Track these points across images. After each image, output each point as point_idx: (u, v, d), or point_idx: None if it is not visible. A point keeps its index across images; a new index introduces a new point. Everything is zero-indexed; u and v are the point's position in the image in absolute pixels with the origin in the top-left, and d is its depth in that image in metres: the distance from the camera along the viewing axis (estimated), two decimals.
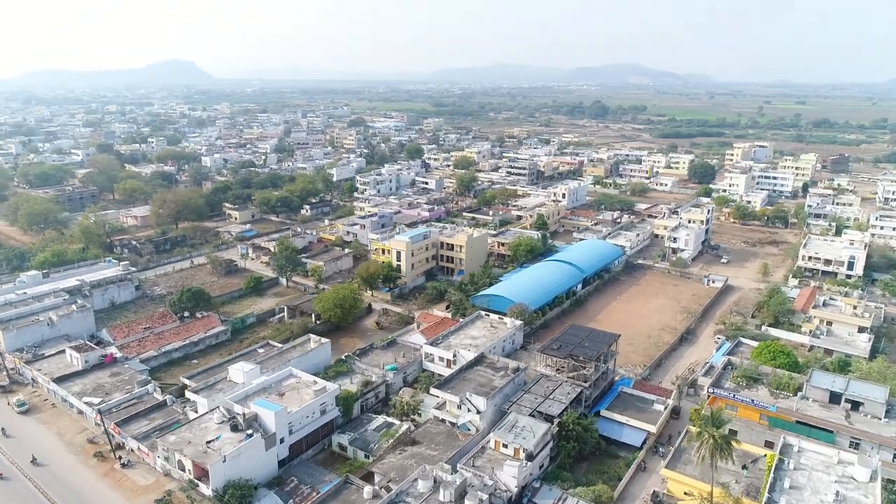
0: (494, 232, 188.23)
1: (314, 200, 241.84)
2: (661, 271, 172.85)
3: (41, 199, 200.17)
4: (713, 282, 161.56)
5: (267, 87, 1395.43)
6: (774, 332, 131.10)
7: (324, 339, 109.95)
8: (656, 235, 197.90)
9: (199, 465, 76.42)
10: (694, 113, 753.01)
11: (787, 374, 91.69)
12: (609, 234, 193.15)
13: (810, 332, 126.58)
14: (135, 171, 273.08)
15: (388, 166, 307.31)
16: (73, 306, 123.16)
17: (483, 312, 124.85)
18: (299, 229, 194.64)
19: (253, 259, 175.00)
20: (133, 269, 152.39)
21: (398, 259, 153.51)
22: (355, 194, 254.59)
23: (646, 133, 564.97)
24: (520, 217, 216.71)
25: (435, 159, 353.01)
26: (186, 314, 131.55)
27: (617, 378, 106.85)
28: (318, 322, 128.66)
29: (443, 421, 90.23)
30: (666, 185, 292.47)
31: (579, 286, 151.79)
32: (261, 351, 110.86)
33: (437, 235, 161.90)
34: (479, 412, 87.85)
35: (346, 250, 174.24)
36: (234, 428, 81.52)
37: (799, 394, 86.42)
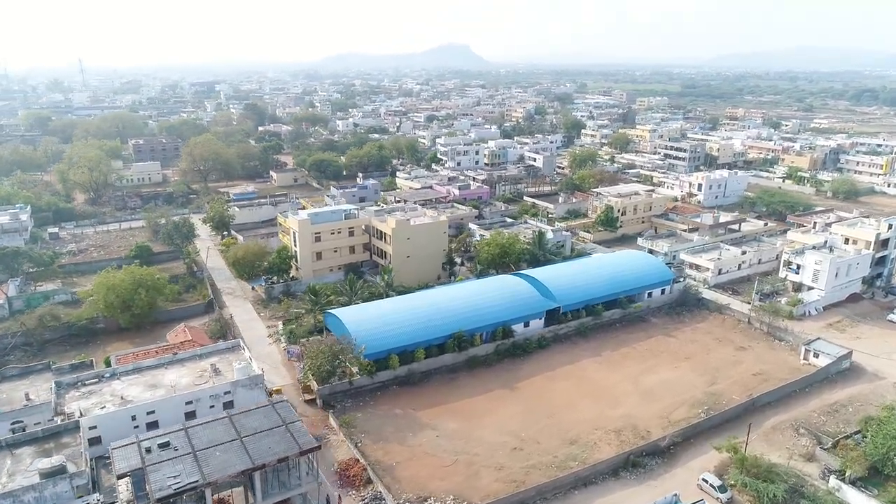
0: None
1: (396, 165, 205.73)
2: (735, 318, 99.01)
3: (87, 145, 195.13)
4: (817, 355, 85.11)
5: (523, 69, 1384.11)
6: (854, 496, 58.28)
7: None
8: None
9: None
10: None
11: None
12: (698, 246, 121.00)
13: None
14: (219, 128, 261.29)
15: (517, 138, 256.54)
16: None
17: (243, 346, 74.82)
18: (293, 195, 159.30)
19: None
20: (26, 219, 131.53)
21: (295, 243, 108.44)
22: (433, 165, 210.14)
23: None
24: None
25: (591, 136, 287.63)
26: None
27: None
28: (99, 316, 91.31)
29: None
30: None
31: (535, 321, 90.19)
32: None
33: (369, 217, 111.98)
34: None
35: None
36: None
37: None
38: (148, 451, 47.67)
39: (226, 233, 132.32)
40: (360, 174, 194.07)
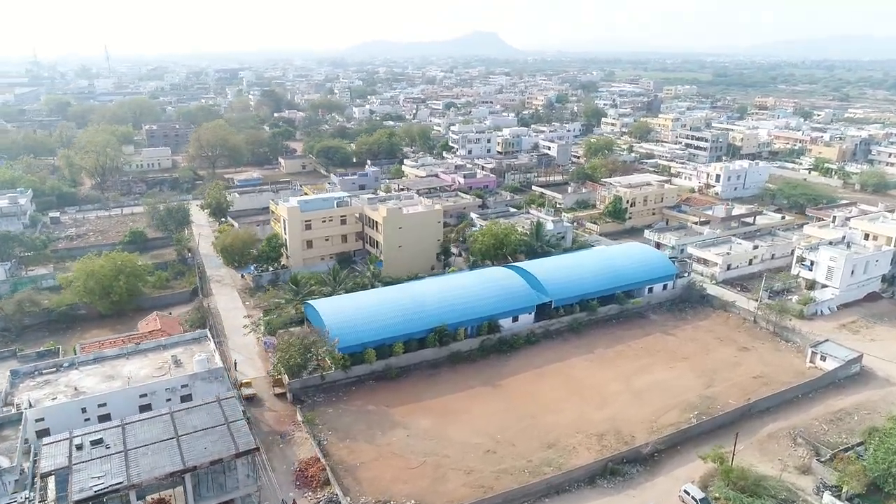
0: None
1: (407, 153, 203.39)
2: (740, 316, 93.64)
3: (98, 130, 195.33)
4: (824, 357, 79.68)
5: (551, 57, 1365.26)
6: None
7: None
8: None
9: None
10: None
11: None
12: (707, 240, 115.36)
13: None
14: (233, 115, 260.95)
15: (533, 126, 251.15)
16: None
17: (209, 336, 72.28)
18: (298, 182, 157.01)
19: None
20: (25, 202, 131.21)
21: (286, 231, 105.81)
22: (444, 153, 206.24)
23: None
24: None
25: (612, 124, 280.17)
26: None
27: None
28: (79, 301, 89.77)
29: None
30: None
31: (525, 316, 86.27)
32: None
33: (362, 206, 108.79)
34: None
35: None
36: None
37: None
38: (79, 447, 45.28)
39: (223, 219, 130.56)
40: (370, 161, 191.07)
